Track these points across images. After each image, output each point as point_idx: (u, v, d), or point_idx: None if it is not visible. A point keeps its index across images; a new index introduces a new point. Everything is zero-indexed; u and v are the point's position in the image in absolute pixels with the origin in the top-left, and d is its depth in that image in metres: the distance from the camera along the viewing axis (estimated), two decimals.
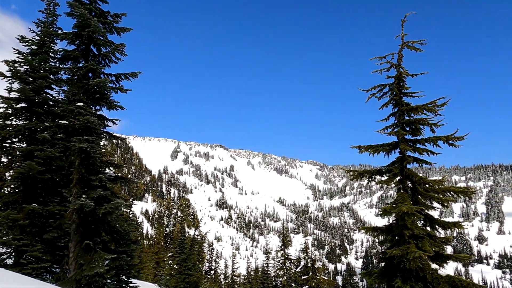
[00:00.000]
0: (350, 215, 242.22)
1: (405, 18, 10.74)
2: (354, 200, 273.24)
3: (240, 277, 59.72)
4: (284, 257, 34.38)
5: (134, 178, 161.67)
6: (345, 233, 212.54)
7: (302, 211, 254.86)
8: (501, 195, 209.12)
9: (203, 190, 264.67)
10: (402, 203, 9.37)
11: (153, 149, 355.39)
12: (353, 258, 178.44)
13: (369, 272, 10.31)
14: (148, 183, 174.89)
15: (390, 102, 11.01)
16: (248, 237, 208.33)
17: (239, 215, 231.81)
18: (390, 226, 10.17)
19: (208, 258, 58.01)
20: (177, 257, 29.65)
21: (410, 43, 10.71)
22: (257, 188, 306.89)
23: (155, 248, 56.25)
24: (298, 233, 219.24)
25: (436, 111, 10.24)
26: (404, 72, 10.76)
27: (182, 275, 28.28)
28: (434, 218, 10.11)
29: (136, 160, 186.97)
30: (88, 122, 10.99)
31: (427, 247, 9.08)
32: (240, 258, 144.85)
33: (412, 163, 10.66)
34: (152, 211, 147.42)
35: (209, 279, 48.58)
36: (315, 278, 31.13)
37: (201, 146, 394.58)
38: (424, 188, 10.14)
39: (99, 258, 10.55)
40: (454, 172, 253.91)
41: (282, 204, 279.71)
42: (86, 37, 12.15)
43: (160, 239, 65.09)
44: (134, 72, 13.02)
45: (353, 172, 11.23)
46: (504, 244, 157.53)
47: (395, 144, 10.84)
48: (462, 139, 9.89)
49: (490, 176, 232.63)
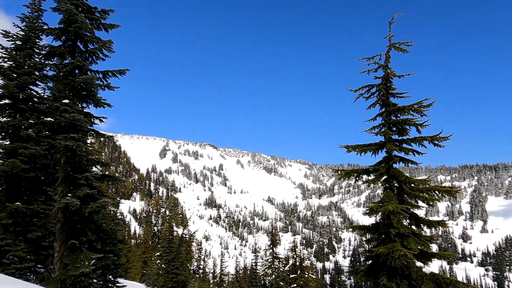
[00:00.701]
0: (338, 214, 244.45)
1: (392, 19, 10.89)
2: (342, 199, 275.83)
3: (229, 276, 59.73)
4: (272, 256, 34.51)
5: (122, 176, 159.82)
6: (333, 232, 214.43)
7: (291, 210, 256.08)
8: (485, 194, 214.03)
9: (192, 189, 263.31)
10: (388, 202, 9.52)
11: (142, 148, 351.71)
12: (341, 257, 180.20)
13: (355, 270, 10.45)
14: (136, 182, 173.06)
15: (378, 103, 11.16)
16: (237, 236, 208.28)
17: (228, 214, 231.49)
18: (377, 225, 10.32)
19: (196, 257, 57.82)
20: (165, 256, 29.45)
21: (397, 44, 10.87)
22: (246, 187, 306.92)
23: (143, 247, 55.77)
24: (286, 232, 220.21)
25: (422, 111, 10.43)
26: (391, 73, 10.91)
27: (170, 275, 28.10)
28: (419, 216, 10.30)
29: (124, 158, 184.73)
30: (74, 120, 10.81)
31: (412, 245, 9.25)
32: (228, 257, 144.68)
33: (398, 163, 10.83)
34: (140, 210, 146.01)
35: (198, 278, 48.43)
36: (303, 276, 31.34)
37: (190, 144, 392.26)
38: (410, 187, 10.32)
39: (85, 258, 10.40)
40: (439, 172, 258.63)
41: (271, 203, 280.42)
42: (72, 33, 11.94)
43: (148, 238, 64.57)
44: (121, 69, 12.86)
45: (340, 171, 11.35)
46: (487, 243, 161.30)
47: (382, 144, 11.00)
48: (446, 140, 10.10)
49: (474, 176, 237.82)
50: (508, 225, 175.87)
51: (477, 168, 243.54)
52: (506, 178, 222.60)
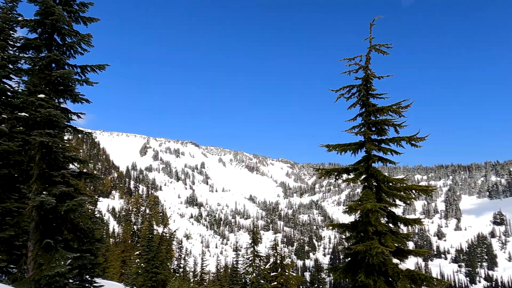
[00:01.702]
0: (319, 212, 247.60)
1: (373, 21, 11.11)
2: (323, 197, 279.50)
3: (210, 275, 59.52)
4: (253, 254, 34.63)
5: (101, 174, 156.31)
6: (314, 230, 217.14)
7: (273, 209, 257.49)
8: (459, 193, 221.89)
9: (173, 187, 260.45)
10: (366, 201, 9.73)
11: (121, 145, 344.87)
12: (321, 255, 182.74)
13: (334, 267, 10.63)
14: (115, 180, 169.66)
15: (358, 103, 11.37)
16: (218, 234, 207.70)
17: (210, 212, 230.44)
18: (355, 223, 10.54)
19: (177, 256, 57.30)
20: (145, 256, 29.02)
21: (377, 46, 11.10)
22: (228, 186, 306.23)
23: (122, 246, 54.78)
24: (268, 230, 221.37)
25: (400, 112, 10.70)
26: (371, 74, 11.13)
27: (150, 274, 27.72)
28: (397, 215, 10.58)
29: (103, 155, 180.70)
30: (50, 115, 10.48)
31: (389, 242, 9.50)
32: (209, 255, 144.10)
33: (377, 162, 11.07)
34: (119, 209, 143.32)
35: (178, 277, 48.00)
36: (283, 274, 31.61)
37: (171, 142, 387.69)
38: (387, 186, 10.58)
39: (61, 257, 10.13)
40: (417, 172, 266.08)
41: (253, 201, 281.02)
42: (49, 26, 11.55)
43: (127, 237, 63.48)
44: (101, 64, 12.55)
45: (321, 170, 11.51)
46: (460, 240, 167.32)
47: (362, 144, 11.22)
48: (423, 140, 10.42)
49: (449, 175, 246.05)
50: (479, 223, 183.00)
51: (452, 168, 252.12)
52: (479, 178, 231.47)
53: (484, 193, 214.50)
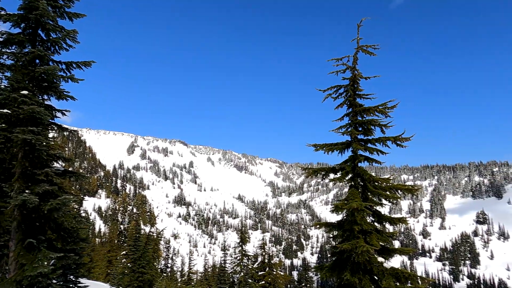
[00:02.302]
0: (307, 211, 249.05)
1: (360, 22, 11.22)
2: (311, 197, 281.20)
3: (197, 274, 59.25)
4: (241, 254, 34.65)
5: (87, 173, 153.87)
6: (301, 229, 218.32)
7: (261, 208, 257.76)
8: (444, 193, 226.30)
9: (161, 186, 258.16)
10: (352, 200, 9.83)
11: (108, 143, 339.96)
12: (308, 254, 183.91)
13: (320, 266, 10.71)
14: (102, 179, 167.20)
15: (345, 103, 11.47)
16: (206, 234, 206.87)
17: (198, 212, 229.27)
18: (341, 222, 10.64)
19: (164, 256, 56.87)
20: (131, 255, 28.73)
21: (364, 47, 11.22)
22: (216, 185, 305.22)
23: (108, 246, 54.03)
24: (256, 230, 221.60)
25: (386, 113, 10.84)
26: (358, 75, 11.25)
27: (136, 274, 27.45)
28: (382, 214, 10.73)
29: (89, 154, 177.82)
30: (34, 112, 10.25)
31: (375, 241, 9.63)
32: (197, 255, 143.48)
33: (363, 162, 11.19)
34: (106, 208, 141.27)
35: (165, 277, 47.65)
36: (271, 273, 31.72)
37: (159, 141, 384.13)
38: (373, 185, 10.71)
39: (44, 257, 9.92)
40: (403, 172, 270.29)
41: (241, 201, 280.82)
42: (33, 21, 11.30)
43: (114, 236, 62.61)
44: (86, 61, 12.35)
45: (308, 169, 11.58)
46: (444, 239, 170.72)
47: (348, 143, 11.32)
48: (408, 140, 10.58)
49: (434, 175, 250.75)
50: (463, 222, 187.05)
51: (437, 168, 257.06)
52: (463, 178, 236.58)
53: (468, 193, 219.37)
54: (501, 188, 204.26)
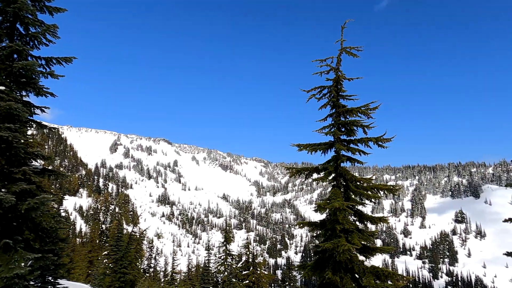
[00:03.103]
0: (291, 211, 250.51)
1: (344, 24, 11.36)
2: (295, 196, 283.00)
3: (181, 274, 58.77)
4: (225, 253, 34.56)
5: (68, 171, 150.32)
6: (286, 228, 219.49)
7: (246, 207, 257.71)
8: (424, 193, 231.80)
9: (144, 185, 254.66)
10: (335, 199, 9.96)
11: (90, 141, 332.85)
12: (292, 253, 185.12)
13: (303, 265, 10.81)
14: (83, 178, 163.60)
15: (328, 104, 11.58)
16: (190, 233, 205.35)
17: (182, 211, 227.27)
18: (324, 221, 10.76)
19: (147, 256, 56.16)
20: (113, 255, 28.20)
21: (348, 48, 11.36)
22: (201, 184, 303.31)
23: (89, 246, 53.01)
24: (241, 229, 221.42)
25: (368, 114, 11.01)
26: (341, 76, 11.38)
27: (118, 274, 26.96)
28: (363, 213, 10.90)
29: (70, 152, 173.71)
30: (11, 109, 9.94)
31: (356, 240, 9.78)
32: (181, 255, 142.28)
33: (346, 162, 11.34)
34: (87, 207, 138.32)
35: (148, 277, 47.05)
36: (255, 273, 31.76)
37: (143, 139, 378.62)
38: (355, 185, 10.88)
39: (21, 258, 9.64)
40: (385, 172, 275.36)
41: (226, 200, 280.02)
42: (11, 14, 10.95)
43: (95, 236, 61.44)
44: (67, 56, 12.04)
45: (292, 169, 11.66)
46: (424, 237, 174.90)
47: (331, 144, 11.45)
48: (389, 141, 10.79)
49: (415, 175, 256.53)
50: (442, 221, 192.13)
51: (418, 168, 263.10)
52: (442, 178, 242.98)
53: (447, 193, 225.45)
54: (479, 188, 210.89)
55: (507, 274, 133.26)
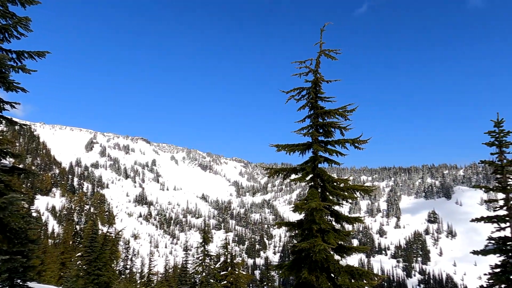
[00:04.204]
0: (270, 211, 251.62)
1: (323, 27, 11.53)
2: (275, 197, 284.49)
3: (158, 276, 57.87)
4: (204, 254, 34.32)
5: (40, 170, 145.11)
6: (265, 228, 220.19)
7: (225, 208, 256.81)
8: (399, 194, 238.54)
9: (121, 185, 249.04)
10: (312, 200, 10.08)
11: (65, 139, 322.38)
12: (271, 253, 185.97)
13: (280, 265, 10.89)
14: (56, 176, 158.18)
15: (307, 105, 11.71)
16: (168, 234, 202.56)
17: (160, 211, 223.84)
18: (301, 221, 10.88)
19: (123, 257, 55.01)
20: (86, 257, 27.45)
21: (327, 51, 11.54)
22: (180, 184, 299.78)
23: (62, 247, 51.31)
24: (219, 229, 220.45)
25: (346, 115, 11.22)
26: (320, 78, 11.54)
27: (91, 276, 26.27)
28: (340, 213, 11.10)
29: (43, 150, 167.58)
30: None
31: (332, 240, 9.95)
32: (158, 255, 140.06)
33: (323, 163, 11.51)
34: (61, 207, 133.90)
35: (124, 279, 46.07)
36: (233, 273, 31.68)
37: (120, 138, 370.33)
38: (332, 186, 11.05)
39: None
40: (363, 173, 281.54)
41: (205, 200, 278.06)
42: None
43: (68, 237, 59.56)
44: (40, 51, 11.63)
45: (270, 169, 11.73)
46: (399, 237, 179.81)
47: (309, 145, 11.58)
48: (365, 143, 11.04)
49: (391, 177, 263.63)
50: (415, 221, 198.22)
51: (394, 170, 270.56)
52: (417, 179, 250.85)
53: (421, 194, 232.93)
54: (450, 189, 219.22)
55: (476, 272, 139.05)
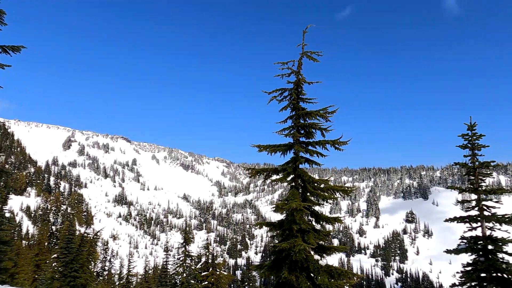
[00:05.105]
0: (252, 211, 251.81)
1: (306, 29, 11.65)
2: (257, 197, 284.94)
3: (137, 277, 56.84)
4: (185, 254, 34.03)
5: (14, 168, 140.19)
6: (247, 228, 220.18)
7: (207, 208, 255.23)
8: (378, 194, 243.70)
9: (100, 184, 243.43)
10: (292, 200, 10.16)
11: (41, 137, 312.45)
12: (253, 253, 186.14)
13: (260, 265, 10.91)
14: (32, 175, 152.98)
15: (289, 106, 11.80)
16: (148, 234, 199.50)
17: (140, 211, 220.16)
18: (282, 221, 10.94)
19: (101, 258, 53.82)
20: (62, 258, 26.68)
21: (309, 53, 11.66)
22: (161, 184, 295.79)
23: (36, 249, 49.61)
24: (201, 230, 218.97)
25: (326, 117, 11.37)
26: (302, 79, 11.65)
27: (67, 278, 25.54)
28: (320, 213, 11.23)
29: (17, 148, 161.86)
30: None
31: (312, 240, 10.05)
32: (138, 256, 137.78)
33: (304, 163, 11.62)
34: (36, 207, 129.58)
35: (101, 280, 45.08)
36: (215, 274, 31.49)
37: (100, 136, 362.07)
38: (312, 186, 11.17)
39: None
40: (343, 173, 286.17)
41: (187, 200, 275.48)
42: None
43: (44, 238, 57.66)
44: (15, 45, 11.24)
45: (251, 169, 11.75)
46: (378, 237, 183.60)
47: (291, 145, 11.68)
48: (345, 144, 11.22)
49: (371, 177, 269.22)
50: (394, 220, 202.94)
51: (374, 171, 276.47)
52: (395, 180, 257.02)
53: (399, 194, 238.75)
54: (427, 190, 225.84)
55: (451, 270, 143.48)
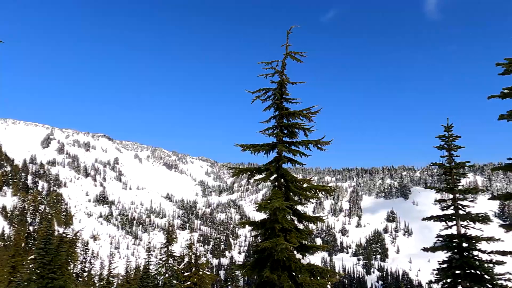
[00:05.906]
0: (236, 211, 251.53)
1: (290, 30, 11.72)
2: (241, 196, 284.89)
3: (118, 278, 55.86)
4: (167, 254, 33.71)
5: None
6: (230, 228, 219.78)
7: (190, 207, 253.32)
8: (361, 194, 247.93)
9: (81, 183, 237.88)
10: (275, 199, 10.21)
11: (18, 135, 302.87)
12: (236, 253, 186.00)
13: (243, 264, 10.91)
14: (8, 174, 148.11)
15: (272, 106, 11.86)
16: (130, 234, 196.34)
17: (122, 211, 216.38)
18: (265, 221, 10.98)
19: (81, 259, 52.66)
20: (40, 259, 25.88)
21: (292, 53, 11.76)
22: (143, 183, 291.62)
23: (13, 250, 47.96)
24: (184, 230, 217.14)
25: (309, 117, 11.48)
26: (286, 79, 11.73)
27: (45, 280, 24.81)
28: (302, 213, 11.34)
29: None
30: None
31: (294, 239, 10.14)
32: (120, 257, 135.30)
33: (287, 163, 11.70)
34: (12, 207, 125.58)
35: (81, 282, 44.07)
36: (198, 274, 31.31)
37: (80, 134, 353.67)
38: (295, 186, 11.26)
39: None
40: (327, 173, 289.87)
41: (170, 200, 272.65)
42: None
43: (20, 239, 55.90)
44: None
45: (235, 169, 11.75)
46: (360, 236, 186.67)
47: (274, 145, 11.73)
48: (328, 144, 11.36)
49: (354, 177, 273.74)
50: (375, 219, 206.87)
51: (356, 171, 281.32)
52: (377, 180, 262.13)
53: (381, 194, 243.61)
54: (408, 190, 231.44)
55: (429, 268, 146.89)
